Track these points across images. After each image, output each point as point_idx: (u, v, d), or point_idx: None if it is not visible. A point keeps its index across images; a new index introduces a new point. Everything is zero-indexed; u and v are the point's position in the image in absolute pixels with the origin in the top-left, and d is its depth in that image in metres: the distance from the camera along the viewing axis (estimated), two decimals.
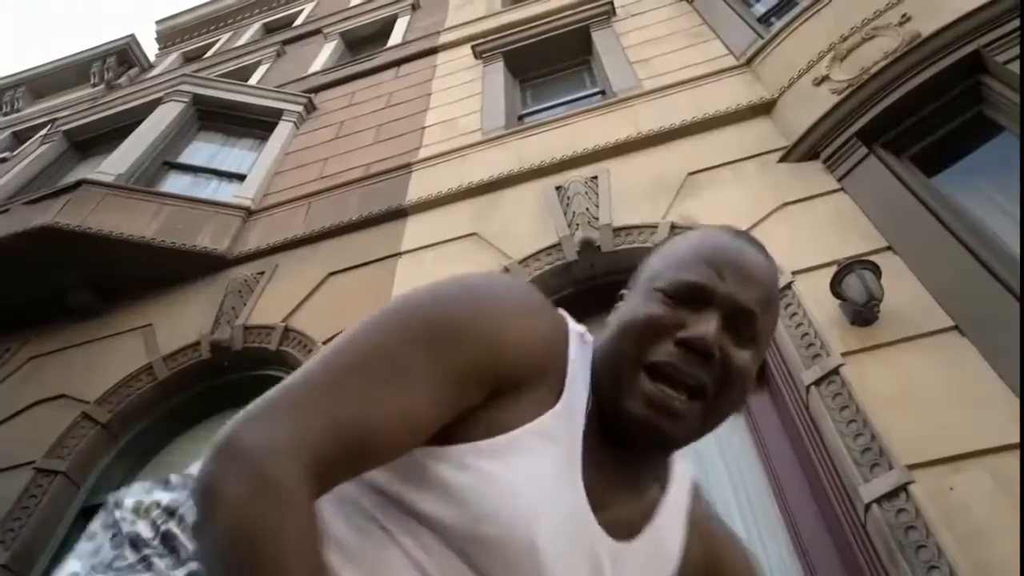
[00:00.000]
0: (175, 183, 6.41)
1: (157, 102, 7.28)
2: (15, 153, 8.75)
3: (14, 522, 3.74)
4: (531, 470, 0.70)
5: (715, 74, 5.09)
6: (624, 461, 0.82)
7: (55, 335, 4.96)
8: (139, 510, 0.77)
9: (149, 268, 5.00)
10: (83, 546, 0.77)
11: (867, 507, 2.44)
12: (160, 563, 0.71)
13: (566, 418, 0.75)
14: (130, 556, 0.73)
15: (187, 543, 0.73)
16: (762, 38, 5.04)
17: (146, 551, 0.72)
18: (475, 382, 0.71)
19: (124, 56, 11.59)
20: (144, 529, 0.75)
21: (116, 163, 6.12)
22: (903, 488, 2.39)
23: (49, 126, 8.28)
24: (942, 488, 2.37)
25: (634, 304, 0.84)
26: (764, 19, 5.53)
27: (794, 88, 4.37)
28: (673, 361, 0.76)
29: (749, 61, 5.00)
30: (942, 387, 2.67)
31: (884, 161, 3.62)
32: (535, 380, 0.74)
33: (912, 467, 2.44)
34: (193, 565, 0.71)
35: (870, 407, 2.67)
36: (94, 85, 10.94)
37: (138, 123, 6.93)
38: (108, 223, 5.07)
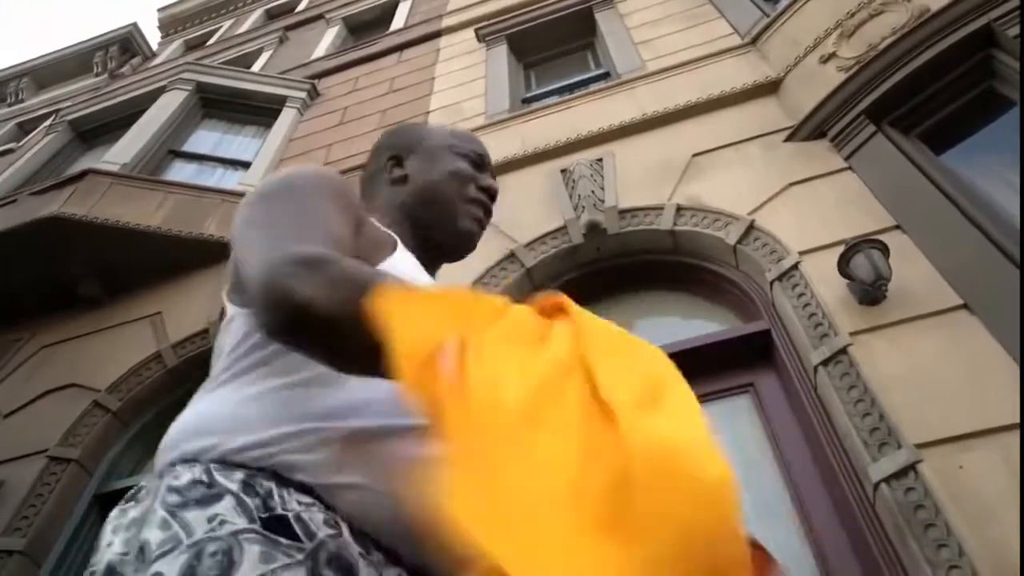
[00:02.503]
0: (180, 171, 6.41)
1: (160, 91, 7.28)
2: (20, 144, 8.76)
3: (28, 509, 3.78)
4: (410, 266, 1.03)
5: (720, 54, 5.04)
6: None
7: (64, 325, 4.98)
8: (116, 529, 0.75)
9: (156, 256, 5.01)
10: None
11: (876, 487, 2.43)
12: None
13: (403, 248, 1.05)
14: None
15: (153, 544, 0.68)
16: (767, 16, 4.98)
17: (126, 571, 0.69)
18: (349, 210, 0.94)
19: (127, 45, 11.56)
20: (118, 548, 0.72)
21: (121, 152, 6.12)
22: (912, 467, 2.38)
23: (53, 116, 8.29)
24: (951, 467, 2.36)
25: (442, 161, 1.19)
26: None
27: (800, 67, 4.32)
28: (482, 198, 1.20)
29: (754, 40, 4.95)
30: (951, 365, 2.65)
31: (892, 139, 3.58)
32: (364, 217, 1.00)
33: (921, 446, 2.43)
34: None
35: (878, 387, 2.66)
36: (97, 74, 10.93)
37: (142, 112, 6.93)
38: (114, 212, 5.08)
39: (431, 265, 1.16)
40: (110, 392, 4.33)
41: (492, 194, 1.24)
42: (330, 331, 0.69)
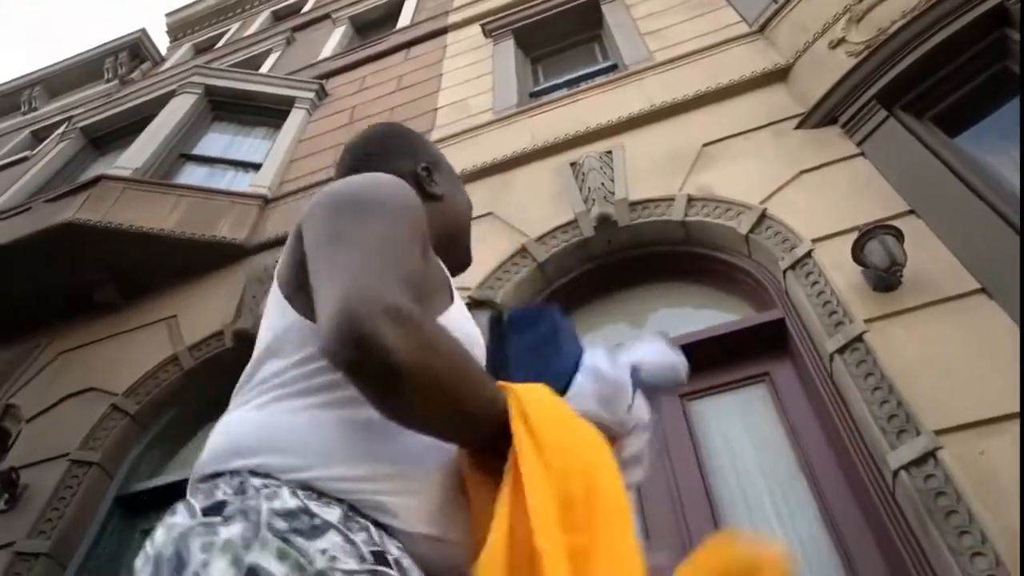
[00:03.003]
0: (192, 175, 6.45)
1: (170, 95, 7.32)
2: (34, 152, 8.85)
3: (52, 512, 3.83)
4: (466, 316, 1.02)
5: (728, 42, 5.00)
6: None
7: (82, 330, 5.04)
8: (208, 548, 0.69)
9: (170, 260, 5.05)
10: None
11: (895, 474, 2.41)
12: None
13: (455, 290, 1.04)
14: None
15: (276, 573, 0.65)
16: (775, 3, 4.93)
17: None
18: (423, 238, 0.92)
19: (136, 50, 11.64)
20: (223, 570, 0.66)
21: (133, 157, 6.17)
22: (931, 454, 2.36)
23: (66, 124, 8.37)
24: (971, 453, 2.34)
25: (460, 189, 1.23)
26: None
27: (809, 53, 4.28)
28: None
29: (762, 28, 4.90)
30: (969, 350, 2.62)
31: (904, 123, 3.54)
32: (428, 247, 0.97)
33: (940, 432, 2.41)
34: None
35: (895, 373, 2.64)
36: (108, 81, 11.01)
37: (153, 117, 6.98)
38: (128, 217, 5.13)
39: None
40: (128, 396, 4.37)
41: None
42: (406, 391, 0.70)
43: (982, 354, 2.59)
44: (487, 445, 0.79)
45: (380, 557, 0.70)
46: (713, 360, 3.35)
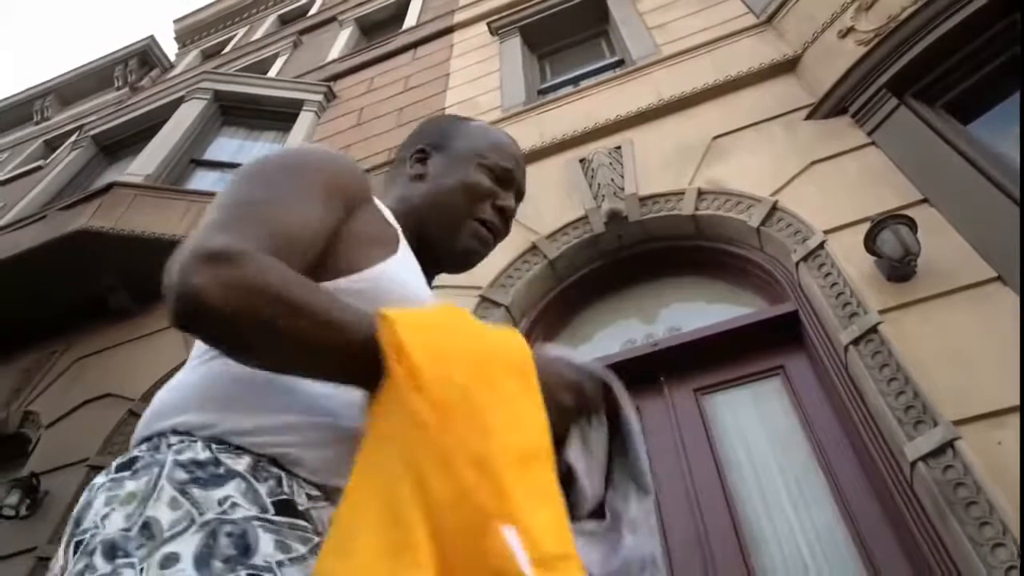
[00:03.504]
0: (203, 180, 6.50)
1: (180, 101, 7.37)
2: (47, 161, 8.93)
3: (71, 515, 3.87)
4: (410, 271, 0.97)
5: (735, 34, 4.97)
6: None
7: (97, 336, 5.08)
8: (111, 501, 0.70)
9: None
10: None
11: (913, 466, 2.39)
12: (144, 556, 0.63)
13: (405, 248, 0.99)
14: (102, 565, 0.63)
15: (164, 523, 0.65)
16: None
17: (129, 547, 0.64)
18: (337, 197, 0.90)
19: (145, 58, 11.72)
20: (119, 522, 0.67)
21: (144, 164, 6.22)
22: (949, 444, 2.33)
23: (77, 132, 8.44)
24: (990, 443, 2.31)
25: (464, 170, 1.12)
26: None
27: (818, 43, 4.25)
28: (494, 220, 1.12)
29: (770, 19, 4.87)
30: (986, 339, 2.59)
31: (916, 111, 3.50)
32: (364, 204, 0.96)
33: (958, 423, 2.38)
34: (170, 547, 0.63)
35: (911, 364, 2.61)
36: (118, 88, 11.10)
37: (163, 123, 7.02)
38: (140, 223, 5.17)
39: (428, 271, 1.10)
40: (144, 400, 4.40)
41: (508, 215, 1.15)
42: (219, 325, 0.69)
43: (999, 343, 2.56)
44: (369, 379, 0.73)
45: (285, 505, 0.71)
46: (726, 354, 3.34)
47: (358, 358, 0.71)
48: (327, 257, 0.87)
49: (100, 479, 0.75)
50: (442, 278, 1.21)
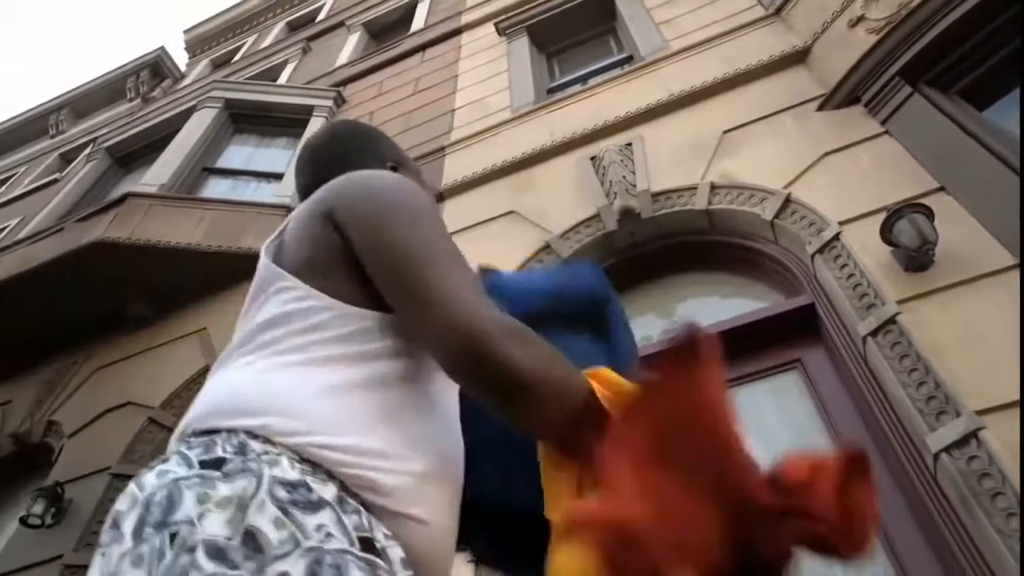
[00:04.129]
0: (216, 188, 6.55)
1: (191, 110, 7.43)
2: (63, 174, 9.04)
3: (97, 525, 3.91)
4: None
5: (744, 27, 4.94)
6: None
7: (116, 346, 5.13)
8: (204, 500, 0.68)
9: (199, 273, 5.12)
10: (119, 551, 0.66)
11: (936, 457, 2.36)
12: (255, 569, 0.62)
13: None
14: (209, 566, 0.62)
15: (272, 540, 0.64)
16: None
17: (234, 557, 0.63)
18: None
19: (156, 69, 11.83)
20: (218, 527, 0.65)
21: (158, 173, 6.27)
22: (973, 435, 2.31)
23: (92, 144, 8.52)
24: (1014, 432, 2.27)
25: (424, 185, 1.19)
26: None
27: (828, 33, 4.21)
28: None
29: (778, 10, 4.84)
30: (1007, 327, 2.55)
31: (930, 99, 3.46)
32: None
33: (981, 412, 2.36)
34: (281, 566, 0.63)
35: (932, 354, 2.59)
36: (131, 100, 11.21)
37: (175, 133, 7.08)
38: (156, 232, 5.22)
39: None
40: (164, 408, 4.45)
41: None
42: (526, 397, 0.77)
43: (1021, 331, 2.52)
44: (567, 434, 0.84)
45: (367, 543, 0.71)
46: (743, 348, 3.30)
47: (578, 407, 0.82)
48: None
49: (178, 469, 0.71)
50: None
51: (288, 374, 0.83)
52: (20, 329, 5.39)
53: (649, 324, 3.77)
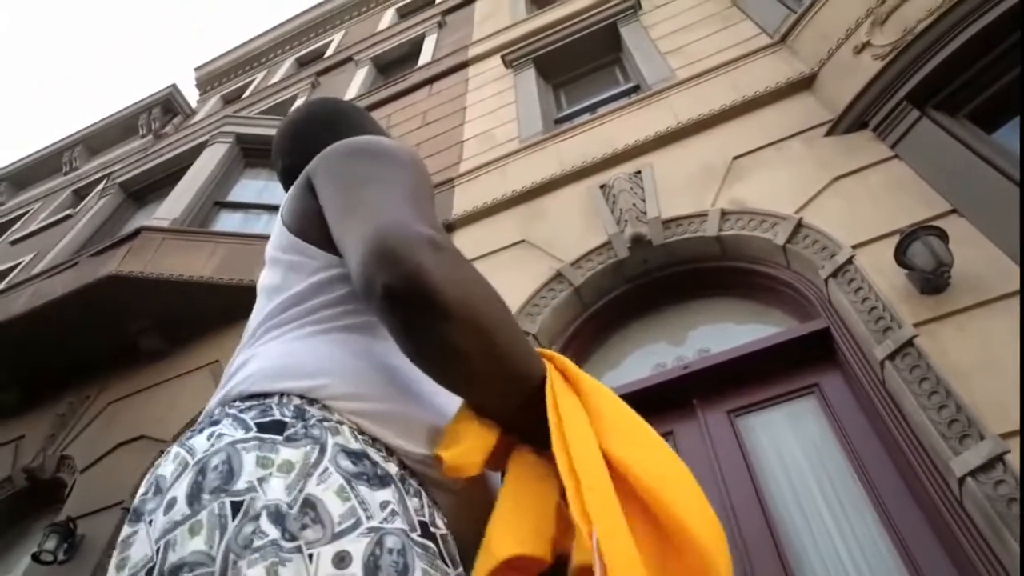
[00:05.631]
0: (227, 221, 6.60)
1: (203, 146, 7.53)
2: (77, 209, 9.14)
3: (109, 561, 3.87)
4: None
5: (750, 55, 4.99)
6: None
7: (129, 379, 5.14)
8: (266, 464, 0.64)
9: (211, 306, 5.14)
10: (179, 512, 0.61)
11: (961, 481, 2.33)
12: (313, 541, 0.58)
13: None
14: (272, 531, 0.58)
15: (333, 513, 0.61)
16: (794, 13, 4.93)
17: (291, 526, 0.59)
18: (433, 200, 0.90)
19: (168, 105, 12.01)
20: (279, 492, 0.61)
21: (170, 208, 6.33)
22: (999, 458, 2.27)
23: (105, 180, 8.63)
24: None
25: None
26: None
27: (834, 59, 4.25)
28: None
29: (783, 38, 4.89)
30: None
31: (939, 122, 3.48)
32: None
33: (1006, 436, 2.32)
34: (344, 542, 0.59)
35: (952, 377, 2.56)
36: (143, 136, 11.36)
37: (187, 168, 7.17)
38: (168, 266, 5.25)
39: None
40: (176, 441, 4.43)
41: None
42: (440, 317, 0.65)
43: (1021, 346, 2.50)
44: (515, 416, 0.73)
45: (426, 529, 0.66)
46: (759, 374, 3.30)
47: (526, 377, 0.73)
48: None
49: (233, 432, 0.67)
50: None
51: (333, 342, 0.80)
52: (34, 363, 5.41)
53: (662, 351, 3.75)
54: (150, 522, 0.63)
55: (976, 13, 3.46)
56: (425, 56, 8.79)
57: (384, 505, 0.64)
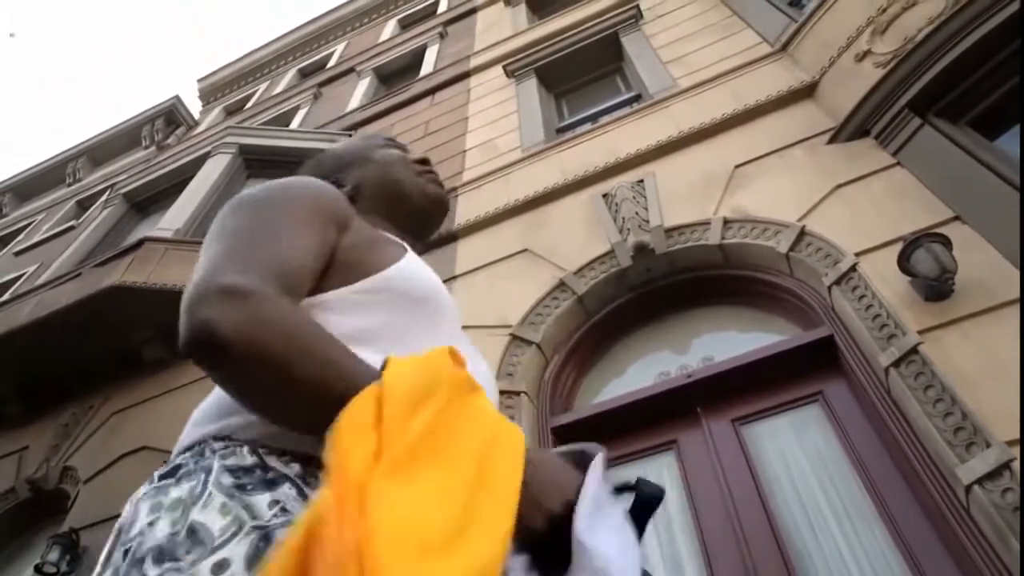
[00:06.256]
0: None
1: (206, 156, 7.55)
2: (80, 220, 9.16)
3: None
4: (424, 266, 1.02)
5: (751, 64, 5.01)
6: None
7: (133, 389, 5.14)
8: (156, 508, 0.68)
9: None
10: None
11: (968, 489, 2.32)
12: (194, 561, 0.61)
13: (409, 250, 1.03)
14: (152, 571, 0.61)
15: (213, 529, 0.63)
16: (795, 21, 4.95)
17: (179, 557, 0.62)
18: (327, 219, 0.92)
19: (171, 116, 12.06)
20: (165, 530, 0.65)
21: (173, 218, 6.35)
22: (1006, 466, 2.26)
23: (109, 191, 8.65)
24: None
25: (375, 158, 1.24)
26: (795, 2, 5.44)
27: (835, 67, 4.27)
28: (426, 168, 1.26)
29: (784, 46, 4.91)
30: None
31: (940, 130, 3.49)
32: (353, 220, 0.98)
33: (1012, 443, 2.32)
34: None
35: (957, 384, 2.56)
36: (146, 147, 11.41)
37: (190, 178, 7.20)
38: (172, 276, 5.26)
39: (424, 245, 1.22)
40: None
41: (428, 163, 1.29)
42: (232, 365, 0.67)
43: (1021, 356, 2.50)
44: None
45: None
46: (763, 382, 3.29)
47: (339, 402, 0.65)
48: (342, 270, 0.90)
49: (143, 489, 0.73)
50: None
51: None
52: (38, 374, 5.41)
53: (665, 360, 3.75)
54: None
55: (976, 21, 3.48)
56: (427, 66, 8.83)
57: (273, 504, 0.67)
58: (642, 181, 4.42)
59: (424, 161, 1.28)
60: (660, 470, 3.26)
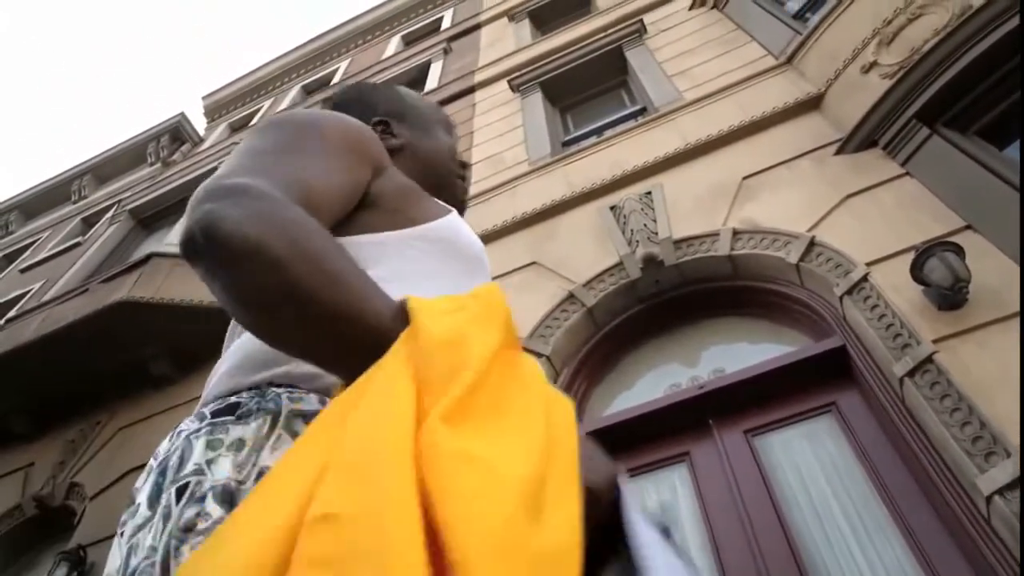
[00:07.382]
0: None
1: (211, 172, 7.57)
2: (86, 237, 9.18)
3: None
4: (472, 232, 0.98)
5: (757, 76, 5.03)
6: None
7: (140, 405, 5.13)
8: (215, 446, 0.65)
9: (221, 330, 5.09)
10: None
11: (988, 499, 2.30)
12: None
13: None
14: (217, 511, 0.59)
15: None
16: (800, 34, 4.97)
17: None
18: (364, 161, 0.87)
19: (176, 133, 12.12)
20: (228, 471, 0.62)
21: (180, 235, 6.37)
22: None
23: (115, 208, 8.69)
24: None
25: (435, 134, 1.19)
26: (799, 15, 5.46)
27: (841, 79, 4.28)
28: (464, 174, 1.22)
29: (790, 59, 4.93)
30: None
31: (949, 139, 3.49)
32: (389, 167, 0.93)
33: None
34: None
35: (974, 393, 2.54)
36: (152, 164, 11.45)
37: None
38: (179, 291, 5.27)
39: None
40: None
41: (468, 168, 1.25)
42: (229, 262, 0.59)
43: (1021, 366, 2.48)
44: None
45: None
46: (775, 393, 3.27)
47: (369, 337, 0.57)
48: (386, 213, 0.86)
49: (191, 424, 0.67)
50: None
51: None
52: (45, 390, 5.40)
53: (676, 372, 3.73)
54: (121, 533, 0.64)
55: (982, 32, 3.49)
56: (432, 82, 8.88)
57: None
58: (650, 193, 4.42)
59: (465, 165, 1.23)
60: (673, 483, 3.23)
